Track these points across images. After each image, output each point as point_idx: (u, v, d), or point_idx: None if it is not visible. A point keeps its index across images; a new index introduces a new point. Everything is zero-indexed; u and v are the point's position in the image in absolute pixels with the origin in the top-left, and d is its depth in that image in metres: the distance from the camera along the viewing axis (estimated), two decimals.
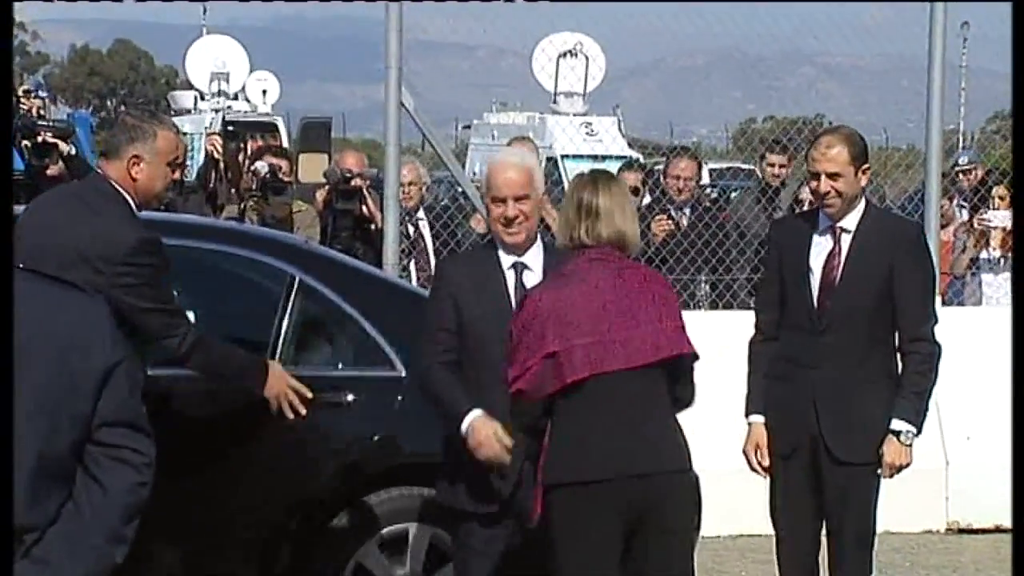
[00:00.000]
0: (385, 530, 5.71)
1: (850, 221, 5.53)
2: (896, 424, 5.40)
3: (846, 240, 5.52)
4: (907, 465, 5.45)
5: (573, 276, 4.76)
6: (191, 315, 5.31)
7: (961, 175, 11.35)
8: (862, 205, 5.57)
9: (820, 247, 5.53)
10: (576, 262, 4.78)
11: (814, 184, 5.51)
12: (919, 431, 5.45)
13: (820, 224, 5.58)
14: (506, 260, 5.02)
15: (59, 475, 3.02)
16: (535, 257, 5.02)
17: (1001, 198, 9.94)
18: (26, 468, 2.95)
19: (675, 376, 4.80)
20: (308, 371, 5.60)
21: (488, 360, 4.86)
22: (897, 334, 5.51)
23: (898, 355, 5.57)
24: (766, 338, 5.70)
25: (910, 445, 5.41)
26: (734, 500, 7.60)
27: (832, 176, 5.45)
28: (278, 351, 5.66)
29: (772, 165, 9.86)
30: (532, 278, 4.97)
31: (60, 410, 2.99)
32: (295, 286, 5.76)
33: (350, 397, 5.67)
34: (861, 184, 5.52)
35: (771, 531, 5.94)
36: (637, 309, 4.72)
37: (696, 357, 4.86)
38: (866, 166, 5.54)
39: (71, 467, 3.04)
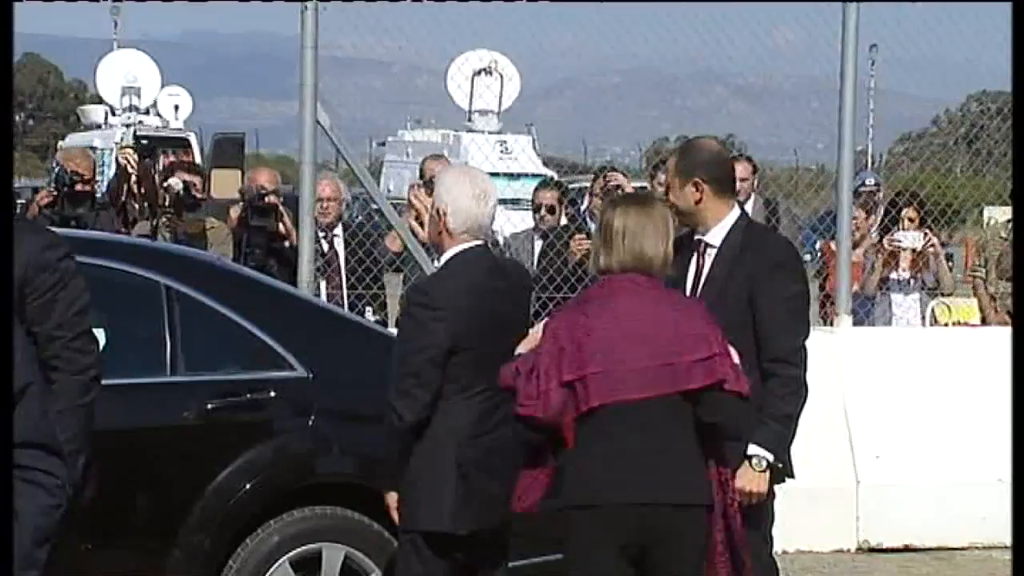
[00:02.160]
0: (295, 551, 5.66)
1: (715, 236, 5.31)
2: (751, 449, 5.09)
3: (710, 256, 5.32)
4: (761, 493, 5.12)
5: (593, 302, 4.69)
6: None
7: (865, 196, 11.50)
8: (731, 219, 5.32)
9: (691, 264, 5.34)
10: (599, 288, 4.71)
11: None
12: (778, 458, 5.13)
13: (694, 239, 5.39)
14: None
15: None
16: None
17: (911, 219, 10.08)
18: None
19: (700, 404, 4.69)
20: (204, 377, 5.61)
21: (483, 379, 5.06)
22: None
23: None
24: None
25: (764, 471, 5.10)
26: None
27: (666, 189, 5.39)
28: (167, 362, 5.62)
29: (662, 184, 9.83)
30: None
31: None
32: (169, 295, 5.70)
33: (249, 396, 5.66)
34: (693, 198, 5.26)
35: None
36: (658, 337, 4.62)
37: (723, 383, 4.68)
38: (696, 179, 5.25)
39: None
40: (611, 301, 4.65)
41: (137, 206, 8.84)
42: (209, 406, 5.58)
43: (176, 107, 26.49)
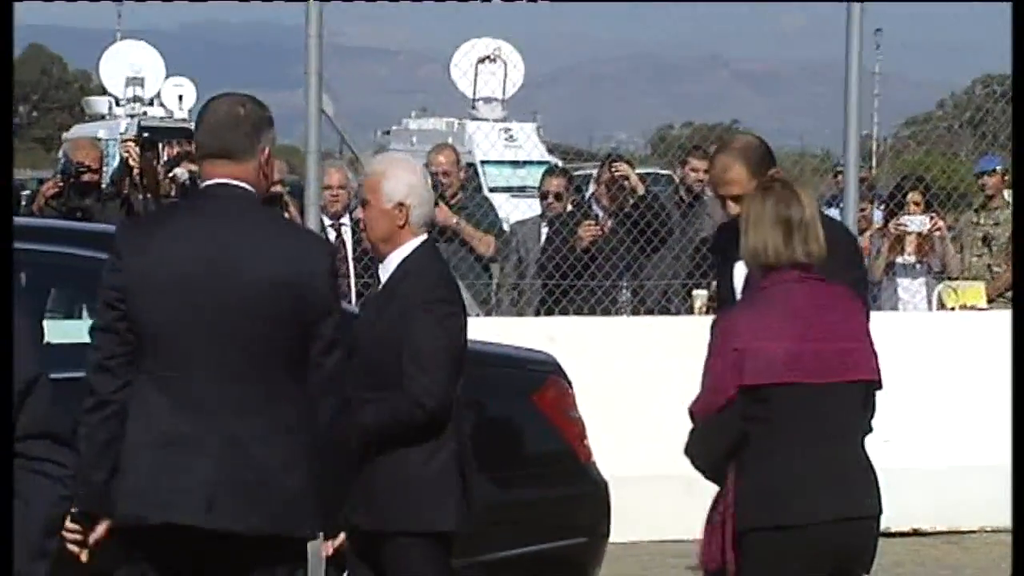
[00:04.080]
0: None
1: None
2: None
3: None
4: None
5: (768, 298, 4.43)
6: (50, 324, 5.17)
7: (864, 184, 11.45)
8: None
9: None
10: (772, 281, 4.43)
11: (722, 208, 5.17)
12: None
13: None
14: None
15: None
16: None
17: (916, 203, 10.06)
18: None
19: (865, 403, 4.49)
20: None
21: None
22: None
23: None
24: None
25: None
26: (654, 505, 7.65)
27: (736, 199, 5.03)
28: None
29: (695, 170, 9.82)
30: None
31: None
32: None
33: None
34: None
35: (694, 536, 5.92)
36: (833, 326, 4.41)
37: (880, 386, 4.53)
38: (773, 171, 5.11)
39: None
40: (789, 296, 4.40)
41: (140, 197, 8.84)
42: None
43: (180, 97, 26.44)
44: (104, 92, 27.84)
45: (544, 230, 9.50)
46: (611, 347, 8.31)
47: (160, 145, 10.75)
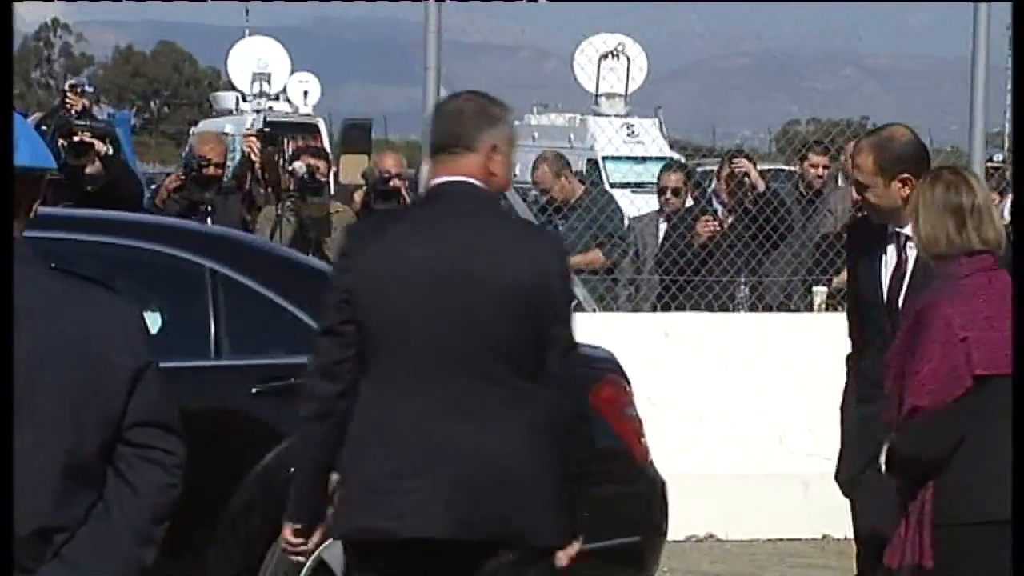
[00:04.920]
0: None
1: (912, 229, 4.78)
2: None
3: (912, 249, 4.90)
4: None
5: (972, 288, 4.29)
6: None
7: (996, 175, 11.26)
8: None
9: (888, 256, 5.05)
10: (969, 269, 4.30)
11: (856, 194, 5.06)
12: None
13: (888, 231, 5.05)
14: None
15: (89, 475, 3.00)
16: None
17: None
18: (54, 468, 2.94)
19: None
20: (249, 361, 5.54)
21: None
22: None
23: None
24: (855, 353, 5.23)
25: None
26: (772, 504, 7.56)
27: (859, 186, 5.03)
28: (212, 346, 5.56)
29: (815, 166, 9.74)
30: None
31: (87, 410, 2.98)
32: (214, 278, 5.63)
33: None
34: (900, 195, 4.95)
35: (810, 535, 5.86)
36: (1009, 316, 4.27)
37: None
38: (905, 175, 4.94)
39: (101, 468, 3.02)
40: (991, 287, 4.29)
41: (262, 191, 8.95)
42: (254, 390, 5.50)
43: (305, 93, 26.74)
44: (232, 88, 28.25)
45: (662, 226, 9.48)
46: (728, 343, 8.24)
47: (284, 140, 10.89)
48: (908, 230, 4.94)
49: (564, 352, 3.93)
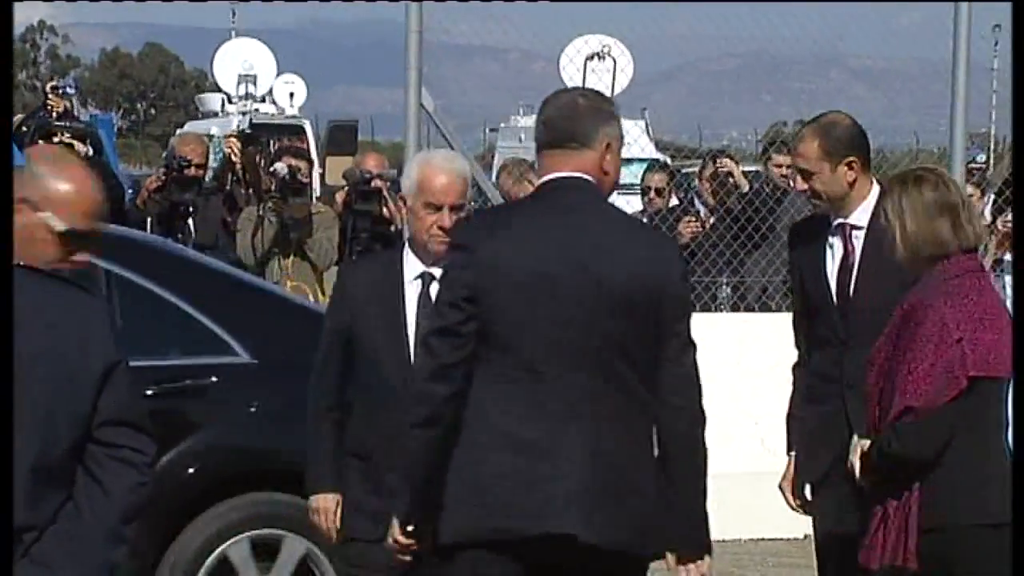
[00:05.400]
0: (255, 532, 5.64)
1: (860, 216, 4.89)
2: None
3: (858, 238, 4.91)
4: None
5: (963, 288, 4.26)
6: None
7: (978, 174, 11.31)
8: (874, 195, 4.88)
9: (834, 249, 4.96)
10: (960, 270, 4.29)
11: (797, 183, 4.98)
12: None
13: (832, 223, 4.96)
14: (413, 269, 4.56)
15: (58, 474, 3.01)
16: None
17: None
18: (24, 467, 2.94)
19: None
20: (144, 363, 5.34)
21: (380, 380, 4.50)
22: None
23: None
24: (800, 361, 5.13)
25: None
26: (752, 503, 7.57)
27: (805, 174, 4.89)
28: None
29: (779, 166, 9.73)
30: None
31: (57, 409, 2.98)
32: (109, 280, 5.60)
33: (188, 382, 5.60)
34: (847, 180, 4.86)
35: (792, 535, 5.84)
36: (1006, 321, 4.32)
37: None
38: (851, 158, 4.85)
39: (71, 467, 3.02)
40: (982, 288, 4.30)
41: (243, 192, 8.94)
42: (148, 392, 5.46)
43: (291, 95, 26.68)
44: (218, 90, 28.19)
45: None
46: (710, 343, 8.23)
47: (271, 141, 10.88)
48: (854, 219, 4.91)
49: (683, 349, 3.84)
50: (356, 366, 4.56)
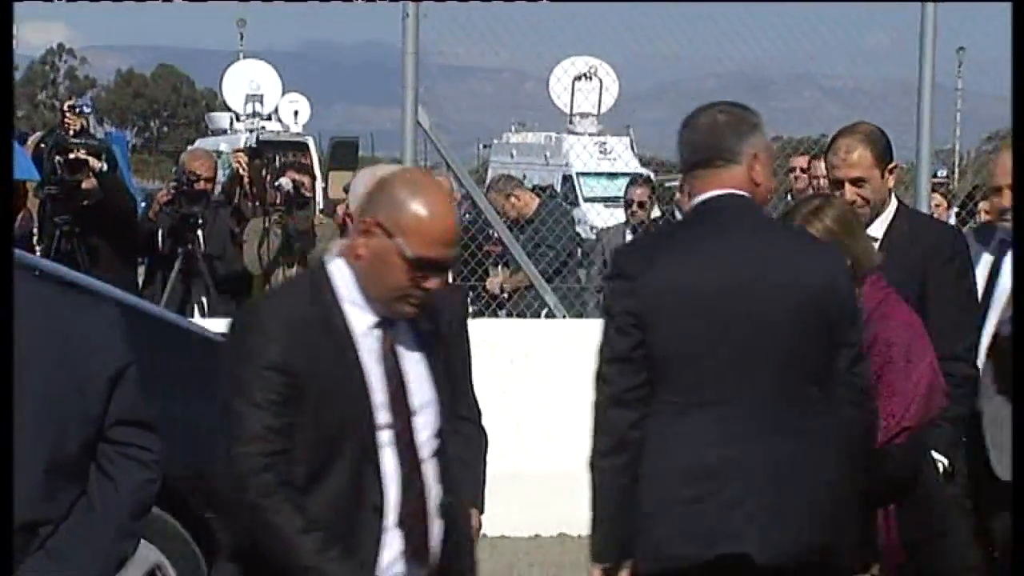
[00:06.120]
0: None
1: (876, 228, 4.68)
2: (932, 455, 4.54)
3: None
4: None
5: (891, 299, 4.17)
6: None
7: (938, 187, 11.34)
8: (892, 208, 4.74)
9: None
10: (879, 286, 4.17)
11: (839, 194, 4.70)
12: (952, 462, 4.52)
13: None
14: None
15: (72, 472, 3.00)
16: None
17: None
18: (39, 465, 2.94)
19: None
20: None
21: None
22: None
23: None
24: None
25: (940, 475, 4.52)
26: None
27: (856, 182, 4.66)
28: None
29: (805, 172, 9.72)
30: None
31: (69, 410, 2.98)
32: None
33: None
34: (889, 185, 4.74)
35: None
36: None
37: None
38: (892, 164, 4.75)
39: (84, 464, 3.02)
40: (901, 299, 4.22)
41: (250, 205, 8.94)
42: None
43: (296, 113, 26.76)
44: (226, 108, 28.22)
45: (628, 236, 9.50)
46: None
47: (276, 157, 10.87)
48: (873, 231, 4.67)
49: (855, 360, 3.64)
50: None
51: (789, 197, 9.90)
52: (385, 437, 3.13)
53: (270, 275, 8.51)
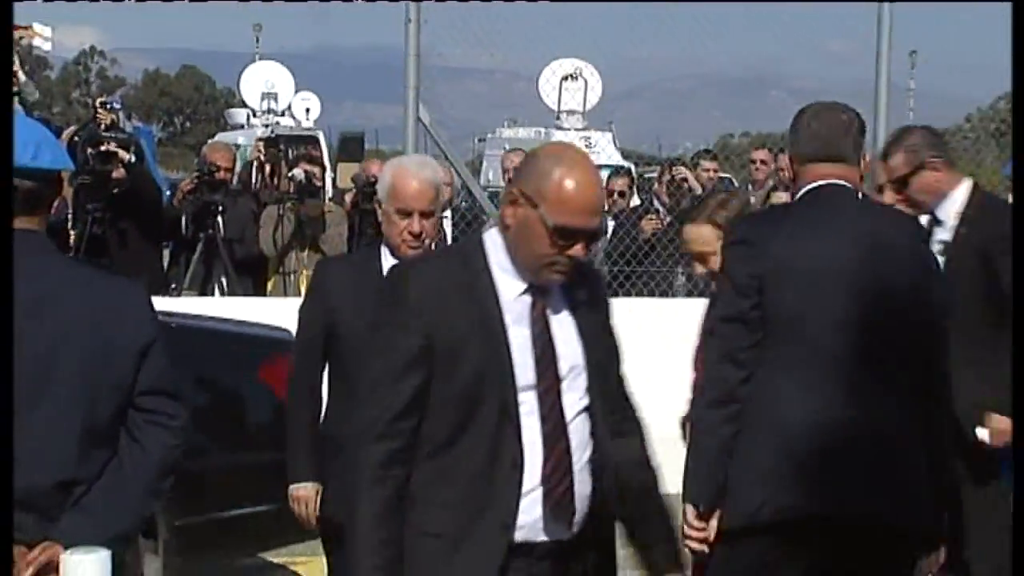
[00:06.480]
0: None
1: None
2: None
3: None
4: None
5: None
6: None
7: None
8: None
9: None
10: None
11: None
12: None
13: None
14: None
15: (104, 436, 3.00)
16: None
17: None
18: (75, 430, 2.94)
19: None
20: None
21: (360, 371, 3.91)
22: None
23: None
24: None
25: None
26: None
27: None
28: None
29: (707, 170, 9.94)
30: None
31: (102, 380, 2.98)
32: None
33: None
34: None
35: None
36: None
37: None
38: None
39: (115, 429, 3.02)
40: None
41: (267, 191, 8.94)
42: None
43: (307, 110, 26.67)
44: (243, 105, 28.12)
45: (610, 223, 9.50)
46: (668, 326, 8.25)
47: (288, 150, 10.84)
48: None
49: (946, 347, 3.63)
50: (335, 359, 4.14)
51: (749, 187, 9.95)
52: (528, 398, 2.95)
53: (283, 257, 8.50)
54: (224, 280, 8.61)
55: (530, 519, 2.95)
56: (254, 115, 26.59)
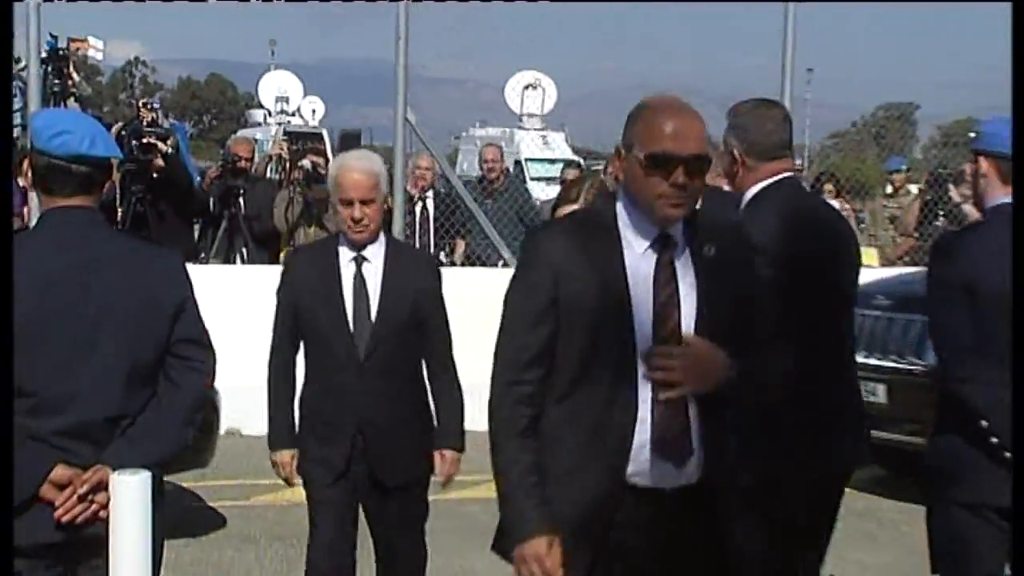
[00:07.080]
0: None
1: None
2: None
3: None
4: None
5: None
6: None
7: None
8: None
9: None
10: None
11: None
12: None
13: None
14: (346, 254, 3.87)
15: (146, 377, 3.00)
16: (376, 251, 3.91)
17: (829, 191, 10.02)
18: (123, 372, 2.94)
19: None
20: None
21: (325, 349, 3.86)
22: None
23: None
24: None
25: None
26: None
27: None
28: None
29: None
30: (371, 269, 3.88)
31: (145, 331, 2.98)
32: None
33: None
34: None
35: None
36: None
37: None
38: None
39: (155, 372, 3.02)
40: None
41: (283, 177, 8.92)
42: None
43: (314, 111, 26.56)
44: (261, 107, 27.94)
45: None
46: None
47: (299, 145, 10.83)
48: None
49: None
50: (305, 337, 3.93)
51: None
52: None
53: (293, 232, 8.48)
54: (244, 251, 8.59)
55: (642, 467, 2.65)
56: (270, 115, 26.45)
